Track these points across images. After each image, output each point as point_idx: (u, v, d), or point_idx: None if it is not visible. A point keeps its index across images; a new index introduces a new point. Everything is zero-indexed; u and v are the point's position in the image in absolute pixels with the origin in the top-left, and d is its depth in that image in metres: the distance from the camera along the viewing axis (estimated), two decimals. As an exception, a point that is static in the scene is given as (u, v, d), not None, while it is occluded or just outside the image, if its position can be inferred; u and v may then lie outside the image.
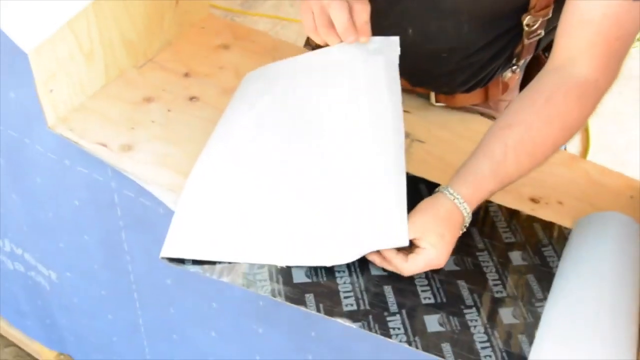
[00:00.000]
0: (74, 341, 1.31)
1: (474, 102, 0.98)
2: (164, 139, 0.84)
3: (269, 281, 0.70)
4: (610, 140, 2.16)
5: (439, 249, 0.69)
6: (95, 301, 1.11)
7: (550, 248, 0.78)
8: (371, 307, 0.69)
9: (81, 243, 0.99)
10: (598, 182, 0.89)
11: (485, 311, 0.70)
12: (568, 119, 0.72)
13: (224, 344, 0.97)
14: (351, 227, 0.71)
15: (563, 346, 0.65)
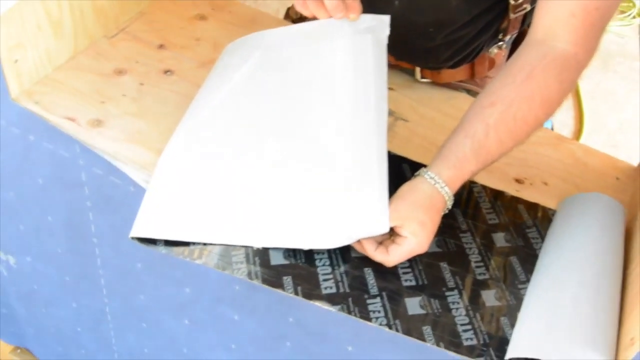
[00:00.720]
0: (34, 333, 1.32)
1: (460, 79, 1.03)
2: (136, 114, 0.88)
3: (245, 263, 0.74)
4: (603, 121, 2.23)
5: (420, 237, 0.73)
6: (57, 288, 1.13)
7: (534, 229, 0.83)
8: (351, 290, 0.73)
9: (44, 225, 1.02)
10: (584, 162, 0.95)
11: (468, 293, 0.75)
12: (548, 94, 0.76)
13: (198, 333, 1.00)
14: (331, 212, 0.74)
15: (544, 329, 0.70)
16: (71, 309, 1.17)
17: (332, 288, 0.73)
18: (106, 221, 0.95)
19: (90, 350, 1.25)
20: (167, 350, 1.09)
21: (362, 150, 0.76)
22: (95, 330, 1.18)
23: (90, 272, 1.05)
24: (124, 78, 0.92)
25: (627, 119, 2.22)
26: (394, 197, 0.75)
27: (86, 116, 0.86)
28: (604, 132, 2.19)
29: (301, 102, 0.81)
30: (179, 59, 0.96)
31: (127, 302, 1.07)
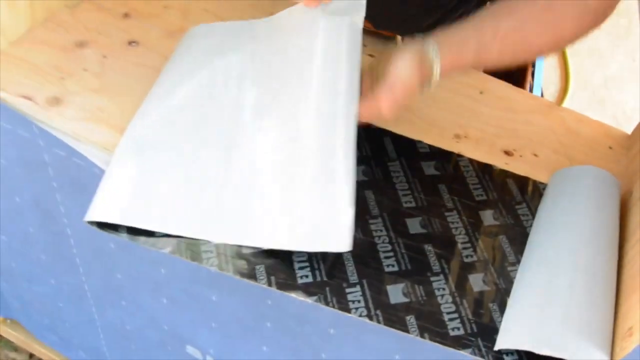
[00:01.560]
0: (19, 306, 1.26)
1: None
2: (98, 91, 0.77)
3: (215, 253, 0.66)
4: (588, 78, 2.13)
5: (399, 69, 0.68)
6: (35, 266, 1.06)
7: (524, 206, 0.75)
8: (329, 279, 0.65)
9: (13, 205, 0.93)
10: (575, 131, 0.86)
11: (454, 278, 0.67)
12: (562, 32, 0.71)
13: (177, 311, 0.93)
14: (292, 215, 0.66)
15: (535, 317, 0.63)
16: (50, 285, 1.10)
17: (308, 277, 0.65)
18: (75, 202, 0.87)
19: (74, 324, 1.19)
20: (148, 327, 1.02)
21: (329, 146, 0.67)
22: (77, 306, 1.11)
23: (64, 251, 0.98)
24: (86, 51, 0.81)
25: (612, 75, 2.13)
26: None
27: (44, 94, 0.76)
28: (589, 89, 2.10)
29: (273, 89, 0.72)
30: (145, 28, 0.85)
31: (105, 281, 0.99)
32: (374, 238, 0.69)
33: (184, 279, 0.85)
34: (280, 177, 0.67)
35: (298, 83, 0.70)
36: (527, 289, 0.66)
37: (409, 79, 0.68)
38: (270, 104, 0.71)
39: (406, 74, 0.68)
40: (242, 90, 0.72)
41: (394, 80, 0.68)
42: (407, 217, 0.71)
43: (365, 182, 0.74)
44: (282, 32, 0.75)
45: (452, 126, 0.83)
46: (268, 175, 0.67)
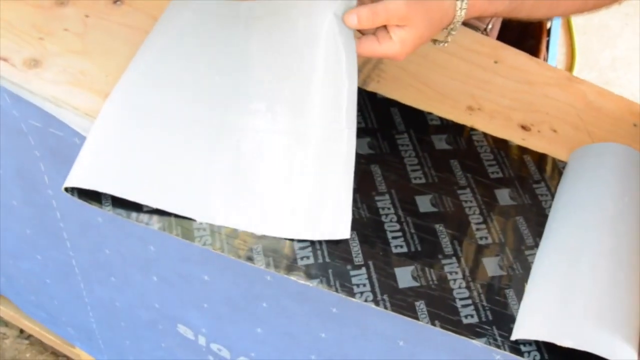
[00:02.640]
0: (6, 282, 1.20)
1: None
2: (80, 52, 0.69)
3: (208, 230, 0.59)
4: (596, 57, 2.05)
5: (405, 48, 0.60)
6: (20, 241, 0.99)
7: (542, 185, 0.68)
8: (332, 260, 0.58)
9: (-5, 177, 0.86)
10: (596, 106, 0.78)
11: (467, 261, 0.60)
12: None
13: (168, 289, 0.86)
14: (288, 200, 0.59)
15: (556, 306, 0.56)
16: (36, 261, 1.03)
17: (309, 258, 0.58)
18: (59, 172, 0.79)
19: (62, 300, 1.12)
20: (138, 304, 0.96)
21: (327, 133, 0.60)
22: (65, 282, 1.05)
23: (50, 225, 0.91)
24: (66, 10, 0.73)
25: (620, 55, 2.04)
26: None
27: (21, 55, 0.68)
28: (595, 69, 2.02)
29: (273, 71, 0.64)
30: (132, -15, 0.78)
31: (93, 256, 0.93)
32: (380, 216, 0.62)
33: (174, 257, 0.78)
34: (277, 161, 0.60)
35: (300, 67, 0.63)
36: (546, 275, 0.59)
37: (405, 56, 0.60)
38: (270, 86, 0.64)
39: (403, 55, 0.60)
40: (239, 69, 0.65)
41: (387, 55, 0.60)
42: (416, 194, 0.64)
43: (371, 156, 0.66)
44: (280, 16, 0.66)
45: (464, 97, 0.75)
46: (264, 158, 0.61)
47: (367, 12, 0.59)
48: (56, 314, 1.18)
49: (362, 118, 0.69)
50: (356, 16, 0.59)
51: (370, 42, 0.61)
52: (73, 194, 0.59)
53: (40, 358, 1.43)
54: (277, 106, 0.62)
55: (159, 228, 0.59)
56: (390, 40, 0.60)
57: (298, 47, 0.63)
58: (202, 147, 0.61)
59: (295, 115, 0.61)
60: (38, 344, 1.42)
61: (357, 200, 0.62)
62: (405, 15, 0.58)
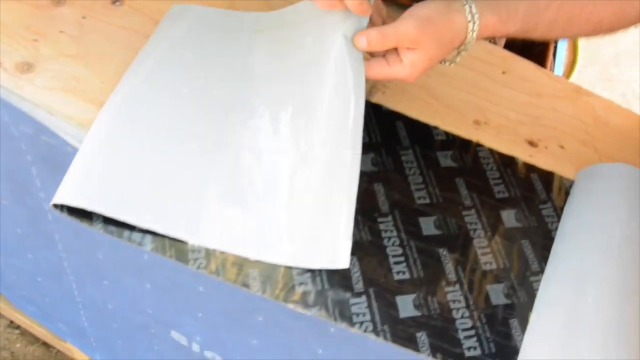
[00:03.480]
0: (-3, 276, 1.18)
1: None
2: (75, 57, 0.67)
3: (203, 253, 0.57)
4: (598, 52, 2.03)
5: (416, 70, 0.59)
6: (10, 239, 0.97)
7: (549, 205, 0.66)
8: (331, 286, 0.56)
9: (-16, 177, 0.84)
10: (605, 121, 0.76)
11: (471, 289, 0.58)
12: (629, 5, 0.61)
13: (162, 297, 0.85)
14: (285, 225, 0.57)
15: (559, 336, 0.54)
16: (27, 260, 1.01)
17: (307, 284, 0.56)
18: (52, 177, 0.77)
19: (53, 298, 1.10)
20: (131, 309, 0.94)
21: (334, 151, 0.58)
22: (56, 281, 1.03)
23: (42, 226, 0.89)
24: (62, 10, 0.70)
25: (623, 50, 2.02)
26: (419, 8, 0.58)
27: (13, 58, 0.65)
28: (598, 64, 1.99)
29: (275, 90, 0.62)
30: (131, -15, 0.75)
31: (85, 259, 0.91)
32: (382, 240, 0.60)
33: (169, 267, 0.75)
34: (276, 183, 0.58)
35: (305, 87, 0.60)
36: (550, 306, 0.58)
37: (415, 79, 0.58)
38: (273, 102, 0.61)
39: (413, 78, 0.58)
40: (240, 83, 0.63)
41: (397, 78, 0.58)
42: (420, 216, 0.62)
43: (374, 173, 0.64)
44: (287, 31, 0.64)
45: (471, 110, 0.73)
46: (262, 179, 0.58)
47: (376, 34, 0.57)
48: (48, 310, 1.17)
49: (366, 132, 0.67)
50: (366, 39, 0.57)
51: (379, 64, 0.59)
52: (62, 210, 0.57)
53: (31, 348, 1.41)
54: (280, 125, 0.60)
55: (152, 249, 0.57)
56: (401, 63, 0.58)
57: (305, 66, 0.60)
58: (197, 165, 0.59)
59: (298, 136, 0.59)
60: (29, 334, 1.40)
61: (359, 221, 0.60)
62: (415, 38, 0.56)
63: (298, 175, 0.58)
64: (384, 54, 0.59)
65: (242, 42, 0.65)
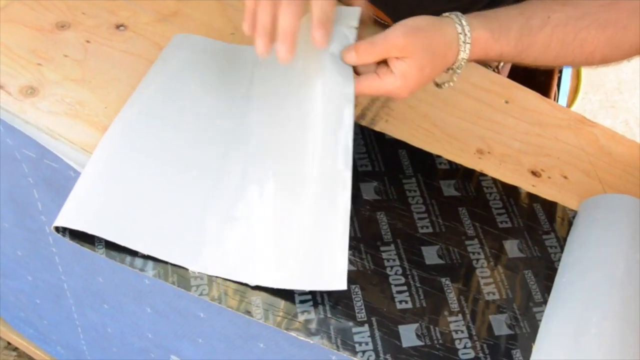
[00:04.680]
0: (-5, 297, 1.17)
1: None
2: (79, 81, 0.67)
3: (206, 279, 0.57)
4: (601, 80, 2.04)
5: (407, 82, 0.58)
6: (10, 261, 0.97)
7: (552, 236, 0.66)
8: (333, 315, 0.56)
9: (-14, 198, 0.84)
10: (608, 151, 0.77)
11: (474, 319, 0.58)
12: (622, 36, 0.61)
13: (162, 321, 0.84)
14: (284, 250, 0.57)
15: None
16: (27, 281, 1.01)
17: (310, 313, 0.56)
18: (53, 201, 0.77)
19: (52, 321, 1.10)
20: (131, 333, 0.94)
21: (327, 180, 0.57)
22: (55, 304, 1.02)
23: (42, 249, 0.88)
24: (67, 34, 0.70)
25: (626, 78, 2.03)
26: (411, 20, 0.58)
27: (17, 82, 0.65)
28: (601, 91, 2.00)
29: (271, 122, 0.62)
30: (135, 10, 0.74)
31: (85, 282, 0.90)
32: (385, 269, 0.59)
33: (169, 292, 0.75)
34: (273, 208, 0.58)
35: (296, 111, 0.60)
36: (552, 339, 0.57)
37: (407, 94, 0.58)
38: (268, 131, 0.62)
39: (405, 92, 0.58)
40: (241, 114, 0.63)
41: (388, 91, 0.58)
42: (423, 245, 0.62)
43: (377, 202, 0.64)
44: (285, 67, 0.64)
45: (474, 139, 0.73)
46: (260, 204, 0.58)
47: (365, 43, 0.57)
48: (46, 332, 1.16)
49: (369, 160, 0.67)
50: (354, 51, 0.57)
51: (370, 78, 0.58)
52: (65, 234, 0.57)
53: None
54: (275, 152, 0.60)
55: (154, 275, 0.57)
56: (392, 74, 0.57)
57: (295, 90, 0.61)
58: (198, 192, 0.59)
59: (292, 160, 0.59)
60: (26, 356, 1.39)
61: (362, 250, 0.60)
62: (404, 45, 0.56)
63: (292, 199, 0.57)
64: (375, 68, 0.59)
65: (246, 73, 0.66)
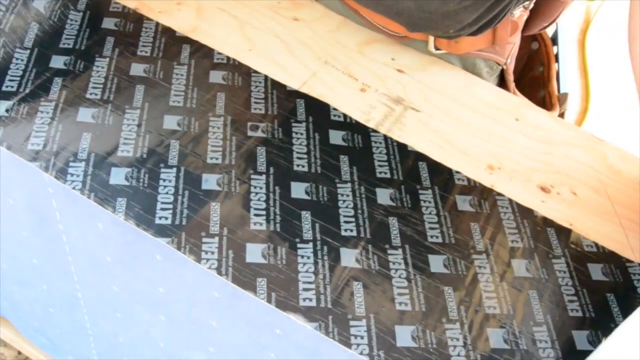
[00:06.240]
0: (9, 306, 1.25)
1: (480, 47, 0.90)
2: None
3: (216, 254, 0.65)
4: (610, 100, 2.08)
5: None
6: (26, 269, 1.04)
7: (562, 261, 0.71)
8: (333, 306, 0.63)
9: (7, 206, 0.92)
10: (617, 169, 0.83)
11: (471, 329, 0.64)
12: None
13: (174, 330, 0.91)
14: None
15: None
16: (42, 290, 1.09)
17: (311, 300, 0.63)
18: (71, 211, 0.85)
19: (64, 330, 1.17)
20: (143, 342, 1.01)
21: None
22: (69, 313, 1.10)
23: (58, 258, 0.96)
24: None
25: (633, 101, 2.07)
26: None
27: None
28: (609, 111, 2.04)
29: None
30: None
31: (100, 291, 0.98)
32: (390, 271, 0.67)
33: (183, 300, 0.83)
34: None
35: None
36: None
37: None
38: None
39: None
40: None
41: None
42: (430, 253, 0.69)
43: (391, 208, 0.72)
44: None
45: (485, 155, 0.80)
46: None
47: None
48: (58, 341, 1.23)
49: (388, 168, 0.75)
50: None
51: None
52: None
53: (38, 381, 1.48)
54: None
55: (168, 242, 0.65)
56: None
57: None
58: None
59: None
60: (35, 365, 1.47)
61: (369, 251, 0.67)
62: None
63: None
64: None
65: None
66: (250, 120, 0.77)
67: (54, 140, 0.73)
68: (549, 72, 1.06)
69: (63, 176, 0.71)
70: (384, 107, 0.82)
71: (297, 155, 0.75)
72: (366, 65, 0.87)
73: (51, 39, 0.81)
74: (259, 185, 0.71)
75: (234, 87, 0.80)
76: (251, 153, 0.74)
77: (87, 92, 0.76)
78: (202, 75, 0.81)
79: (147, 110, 0.76)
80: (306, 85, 0.83)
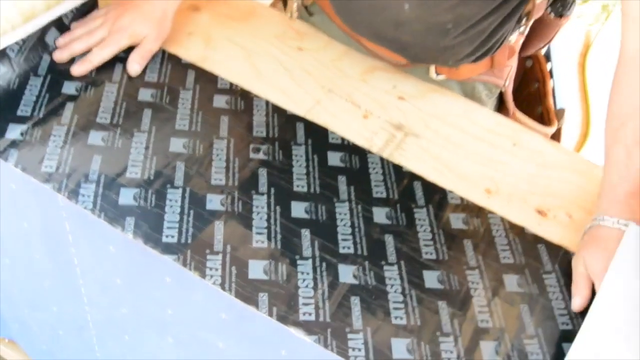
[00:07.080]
0: (19, 328, 1.31)
1: (479, 72, 0.97)
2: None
3: (220, 270, 0.71)
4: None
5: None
6: (37, 292, 1.11)
7: (553, 276, 0.77)
8: (332, 320, 0.69)
9: (20, 229, 0.98)
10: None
11: (464, 342, 0.70)
12: None
13: (182, 352, 0.96)
14: None
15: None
16: (52, 312, 1.15)
17: (310, 314, 0.69)
18: (83, 234, 0.91)
19: (73, 352, 1.23)
20: (150, 364, 1.06)
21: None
22: (78, 335, 1.15)
23: (69, 280, 1.02)
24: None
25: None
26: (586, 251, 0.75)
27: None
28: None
29: None
30: (167, 56, 0.91)
31: (109, 313, 1.04)
32: (386, 286, 0.72)
33: (191, 322, 0.88)
34: None
35: None
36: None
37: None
38: None
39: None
40: None
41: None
42: (425, 269, 0.75)
43: (387, 226, 0.78)
44: None
45: (482, 179, 0.86)
46: None
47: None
48: (66, 365, 1.29)
49: (384, 188, 0.81)
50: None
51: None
52: None
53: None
54: None
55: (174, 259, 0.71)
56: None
57: None
58: None
59: None
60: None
61: (366, 267, 0.74)
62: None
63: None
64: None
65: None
66: (252, 143, 0.84)
67: (66, 162, 0.80)
68: (544, 88, 1.13)
69: (75, 197, 0.77)
70: (386, 133, 0.89)
71: (297, 176, 0.82)
72: (368, 93, 0.94)
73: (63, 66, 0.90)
74: (260, 205, 0.78)
75: (237, 111, 0.88)
76: (253, 174, 0.81)
77: (97, 117, 0.84)
78: (206, 100, 0.88)
79: (154, 133, 0.83)
80: (310, 112, 0.90)
